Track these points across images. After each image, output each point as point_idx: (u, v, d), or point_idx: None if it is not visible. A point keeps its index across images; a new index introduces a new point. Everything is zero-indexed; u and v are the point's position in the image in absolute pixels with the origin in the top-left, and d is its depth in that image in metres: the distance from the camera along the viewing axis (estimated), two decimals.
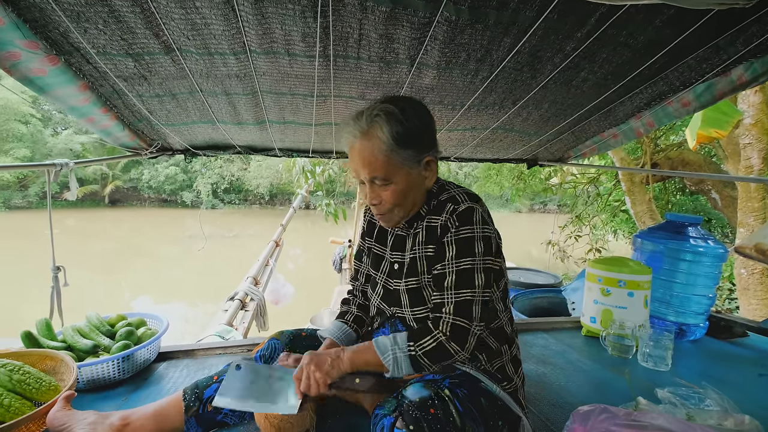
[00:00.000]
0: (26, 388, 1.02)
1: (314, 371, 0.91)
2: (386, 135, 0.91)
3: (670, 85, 1.46)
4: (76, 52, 1.10)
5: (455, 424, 0.80)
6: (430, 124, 1.01)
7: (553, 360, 1.60)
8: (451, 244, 0.95)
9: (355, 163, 0.97)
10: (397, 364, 0.90)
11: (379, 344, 0.92)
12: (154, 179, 23.64)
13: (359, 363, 0.93)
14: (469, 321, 0.90)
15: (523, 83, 1.39)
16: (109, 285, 8.95)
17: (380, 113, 0.92)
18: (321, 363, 0.92)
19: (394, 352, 0.90)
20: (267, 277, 3.40)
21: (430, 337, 0.90)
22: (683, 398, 1.12)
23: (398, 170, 0.95)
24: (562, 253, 7.01)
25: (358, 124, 0.94)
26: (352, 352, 0.94)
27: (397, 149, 0.92)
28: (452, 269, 0.94)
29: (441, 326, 0.91)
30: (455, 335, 0.89)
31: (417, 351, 0.90)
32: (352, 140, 0.96)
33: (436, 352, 0.89)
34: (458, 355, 0.90)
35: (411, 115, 0.95)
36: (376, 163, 0.93)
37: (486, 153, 2.26)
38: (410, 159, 0.95)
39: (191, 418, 1.01)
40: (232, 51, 1.13)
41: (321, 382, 0.90)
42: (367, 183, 0.98)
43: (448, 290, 0.93)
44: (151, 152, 1.85)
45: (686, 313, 1.84)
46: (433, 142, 1.00)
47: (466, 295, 0.92)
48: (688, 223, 1.89)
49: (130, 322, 1.44)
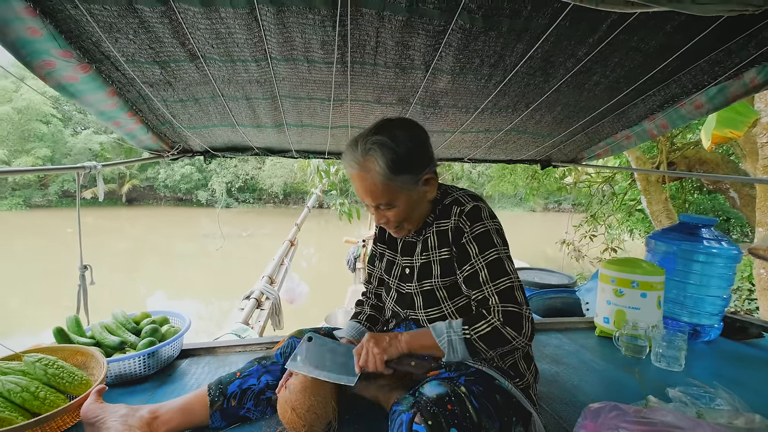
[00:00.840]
0: (60, 381, 1.08)
1: (373, 347, 0.96)
2: (381, 166, 0.95)
3: (682, 87, 1.46)
4: (106, 60, 1.15)
5: (472, 419, 0.82)
6: (424, 142, 1.03)
7: (566, 360, 1.61)
8: (470, 242, 0.99)
9: (359, 190, 1.02)
10: (453, 347, 0.93)
11: (435, 328, 0.96)
12: (169, 178, 24.10)
13: (415, 345, 0.97)
14: (518, 306, 0.93)
15: (536, 87, 1.41)
16: (126, 282, 9.19)
17: (373, 146, 0.96)
18: (379, 341, 0.97)
19: (449, 335, 0.93)
20: (282, 276, 3.46)
21: (484, 321, 0.93)
22: (694, 397, 1.12)
23: (399, 194, 0.99)
24: (577, 253, 6.94)
25: (354, 156, 0.98)
26: (409, 335, 0.99)
27: (394, 177, 0.96)
28: (482, 264, 0.97)
29: (494, 313, 0.93)
30: (509, 320, 0.92)
31: (472, 334, 0.92)
32: (350, 170, 1.00)
33: (491, 336, 0.92)
34: (516, 341, 0.92)
35: (402, 140, 0.97)
36: (377, 192, 0.98)
37: (499, 154, 2.27)
38: (409, 182, 0.99)
39: (216, 412, 1.05)
40: (253, 58, 1.18)
41: (378, 358, 0.95)
42: (373, 207, 1.03)
43: (486, 284, 0.96)
44: (172, 154, 1.92)
45: (700, 314, 1.84)
46: (429, 159, 1.03)
47: (505, 283, 0.95)
48: (702, 224, 1.88)
49: (154, 319, 1.50)
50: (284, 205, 26.44)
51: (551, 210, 27.06)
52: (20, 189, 21.33)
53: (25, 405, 1.01)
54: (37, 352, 1.16)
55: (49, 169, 1.49)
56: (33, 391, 1.02)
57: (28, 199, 21.34)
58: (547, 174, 7.11)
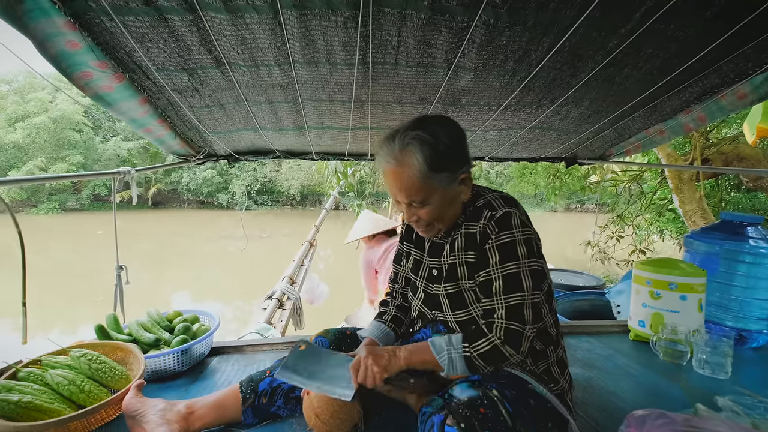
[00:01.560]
0: (102, 376, 1.13)
1: (372, 365, 0.95)
2: (420, 162, 0.93)
3: (723, 77, 1.39)
4: (138, 69, 1.19)
5: (506, 423, 0.80)
6: (462, 141, 1.01)
7: (599, 364, 1.55)
8: (493, 250, 0.96)
9: (392, 187, 0.99)
10: (452, 364, 0.92)
11: (434, 344, 0.95)
12: (192, 182, 24.76)
13: (415, 361, 0.96)
14: (522, 324, 0.92)
15: (562, 82, 1.37)
16: (154, 282, 9.48)
17: (412, 141, 0.93)
18: (378, 358, 0.96)
19: (450, 352, 0.93)
20: (302, 276, 3.49)
21: (484, 339, 0.92)
22: (746, 407, 1.05)
23: (434, 192, 0.97)
24: (602, 255, 6.72)
25: (391, 150, 0.96)
26: (408, 351, 0.97)
27: (432, 174, 0.94)
28: (498, 275, 0.95)
29: (495, 330, 0.92)
30: (509, 339, 0.91)
31: (472, 352, 0.92)
32: (386, 166, 0.98)
33: (490, 355, 0.91)
34: (513, 358, 0.92)
35: (442, 137, 0.95)
36: (413, 188, 0.96)
37: (522, 152, 2.23)
38: (445, 180, 0.96)
39: (248, 408, 1.08)
40: (276, 62, 1.19)
41: (378, 376, 0.94)
42: (405, 205, 1.01)
43: (497, 295, 0.94)
44: (198, 159, 1.97)
45: (747, 319, 1.73)
46: (466, 158, 1.01)
47: (515, 300, 0.93)
48: (747, 222, 1.78)
49: (185, 318, 1.55)
50: (301, 207, 26.73)
51: (573, 210, 26.36)
52: (56, 194, 22.37)
53: (72, 397, 1.07)
54: (80, 347, 1.21)
55: (88, 175, 1.55)
56: (79, 385, 1.08)
57: (63, 203, 22.36)
58: (569, 173, 6.93)
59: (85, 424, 1.01)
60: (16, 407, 0.96)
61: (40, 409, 0.98)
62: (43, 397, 1.01)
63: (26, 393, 1.00)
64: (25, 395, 0.99)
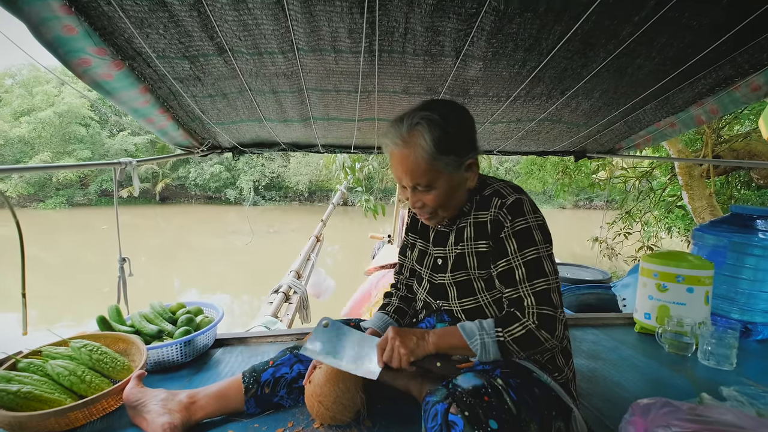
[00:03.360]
0: (104, 366, 1.13)
1: (399, 346, 0.93)
2: (428, 143, 0.91)
3: (737, 68, 1.35)
4: (138, 56, 1.18)
5: (511, 411, 0.79)
6: (471, 126, 1.00)
7: (604, 356, 1.55)
8: (509, 238, 0.95)
9: (397, 170, 0.98)
10: (486, 349, 0.91)
11: (465, 329, 0.94)
12: (200, 177, 24.85)
13: (444, 346, 0.95)
14: (553, 308, 0.91)
15: (573, 72, 1.34)
16: (161, 276, 9.57)
17: (421, 121, 0.92)
18: (407, 340, 0.94)
19: (482, 337, 0.91)
20: (309, 271, 3.50)
21: (519, 324, 0.91)
22: (751, 397, 1.05)
23: (440, 176, 0.95)
24: (610, 251, 6.67)
25: (398, 131, 0.94)
26: (437, 336, 0.96)
27: (439, 156, 0.93)
28: (519, 262, 0.94)
29: (528, 315, 0.91)
30: (544, 323, 0.90)
31: (506, 337, 0.90)
32: (393, 147, 0.96)
33: (525, 339, 0.90)
34: (548, 343, 0.90)
35: (452, 120, 0.94)
36: (418, 170, 0.94)
37: (531, 146, 2.19)
38: (452, 164, 0.95)
39: (251, 399, 1.07)
40: (280, 50, 1.17)
41: (404, 358, 0.93)
42: (410, 189, 0.99)
43: (522, 283, 0.93)
44: (202, 150, 1.96)
45: (753, 311, 1.73)
46: (474, 144, 1.00)
47: (542, 285, 0.92)
48: (757, 215, 1.76)
49: (189, 310, 1.54)
50: (309, 202, 26.79)
51: (582, 207, 26.19)
52: (63, 189, 22.55)
53: (73, 388, 1.06)
54: (81, 338, 1.21)
55: (88, 165, 1.55)
56: (80, 375, 1.07)
57: (71, 198, 22.52)
58: (578, 169, 6.87)
59: (86, 414, 1.01)
60: (16, 397, 0.95)
61: (40, 399, 0.97)
62: (43, 387, 1.01)
63: (26, 383, 1.00)
64: (24, 385, 0.98)
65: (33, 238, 13.23)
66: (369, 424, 1.05)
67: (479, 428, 0.75)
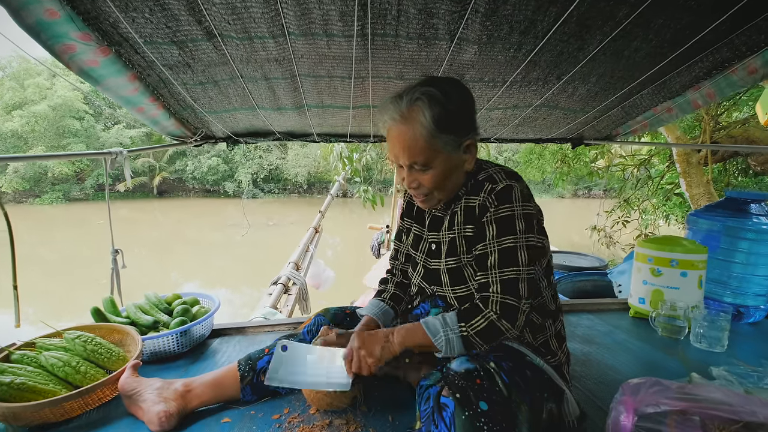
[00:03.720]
0: (98, 357, 1.13)
1: (366, 356, 0.93)
2: (427, 119, 0.89)
3: (734, 51, 1.34)
4: (125, 42, 1.15)
5: (501, 394, 0.80)
6: (471, 106, 0.98)
7: (598, 340, 1.57)
8: (490, 223, 0.94)
9: (394, 147, 0.95)
10: (450, 345, 0.91)
11: (429, 326, 0.93)
12: (197, 170, 24.70)
13: (409, 344, 0.95)
14: (517, 299, 0.90)
15: (569, 56, 1.32)
16: (159, 270, 9.58)
17: (422, 96, 0.90)
18: (372, 348, 0.94)
19: (446, 334, 0.91)
20: (308, 262, 3.50)
21: (480, 316, 0.91)
22: (740, 376, 1.06)
23: (438, 155, 0.93)
24: (607, 239, 6.69)
25: (397, 107, 0.92)
26: (402, 336, 0.95)
27: (438, 134, 0.91)
28: (494, 248, 0.93)
29: (490, 305, 0.91)
30: (505, 313, 0.89)
31: (469, 331, 0.90)
32: (391, 124, 0.94)
33: (487, 331, 0.90)
34: (509, 333, 0.90)
35: (453, 97, 0.92)
36: (416, 148, 0.92)
37: (528, 133, 2.18)
38: (451, 143, 0.93)
39: (247, 386, 1.07)
40: (270, 34, 1.15)
41: (372, 365, 0.93)
42: (406, 168, 0.97)
43: (492, 269, 0.92)
44: (195, 140, 1.93)
45: (745, 295, 1.75)
46: (473, 124, 0.98)
47: (510, 274, 0.91)
48: (751, 199, 1.77)
49: (185, 300, 1.54)
50: (308, 194, 26.71)
51: (581, 196, 26.23)
52: (59, 183, 22.42)
53: (68, 378, 1.06)
54: (76, 330, 1.21)
55: (78, 155, 1.53)
56: (74, 366, 1.07)
57: (67, 193, 22.38)
58: (577, 158, 6.85)
59: (82, 404, 1.01)
60: (9, 389, 0.95)
61: (34, 390, 0.97)
62: (37, 378, 1.01)
63: (19, 375, 0.99)
64: (18, 377, 0.98)
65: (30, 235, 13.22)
66: (365, 409, 1.06)
67: (470, 410, 0.76)
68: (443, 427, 0.78)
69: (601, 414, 1.06)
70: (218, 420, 1.02)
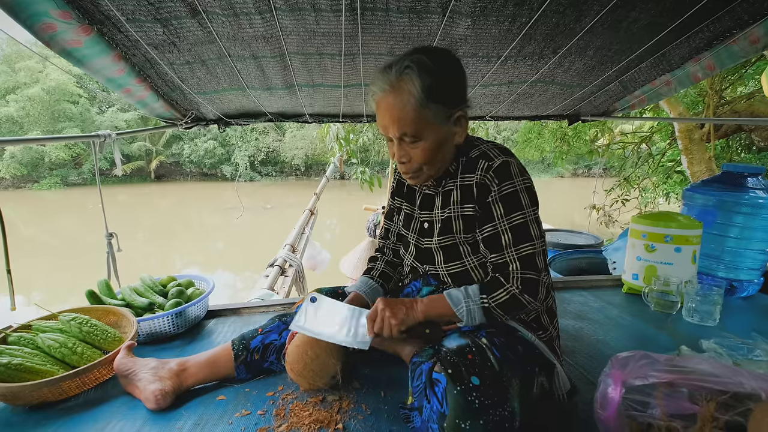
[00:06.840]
0: (94, 338, 1.14)
1: (390, 317, 0.94)
2: (417, 88, 0.87)
3: (736, 19, 1.30)
4: (107, 20, 1.11)
5: (493, 368, 0.81)
6: (462, 76, 0.96)
7: (591, 315, 1.59)
8: (497, 203, 0.94)
9: (384, 118, 0.94)
10: (471, 315, 0.93)
11: (452, 297, 0.95)
12: (194, 154, 24.48)
13: (432, 314, 0.96)
14: (536, 272, 0.92)
15: (565, 28, 1.28)
16: (156, 254, 9.61)
17: (411, 65, 0.88)
18: (397, 311, 0.95)
19: (468, 304, 0.93)
20: (304, 244, 3.51)
21: (503, 290, 0.92)
22: (730, 349, 1.08)
23: (428, 126, 0.92)
24: (607, 218, 6.69)
25: (387, 77, 0.90)
26: (425, 305, 0.97)
27: (428, 104, 0.89)
28: (506, 227, 0.94)
29: (512, 281, 0.92)
30: (527, 287, 0.91)
31: (490, 303, 0.92)
32: (380, 95, 0.92)
33: (509, 304, 0.92)
34: (531, 306, 0.92)
35: (443, 66, 0.90)
36: (406, 119, 0.90)
37: (524, 110, 2.14)
38: (441, 114, 0.92)
39: (241, 365, 1.09)
40: (257, 10, 1.11)
41: (395, 328, 0.94)
42: (396, 140, 0.96)
43: (508, 248, 0.94)
44: (185, 122, 1.90)
45: (739, 269, 1.75)
46: (464, 95, 0.96)
47: (527, 249, 0.93)
48: (748, 173, 1.75)
49: (180, 282, 1.54)
50: (306, 177, 26.58)
51: (581, 175, 26.11)
52: (57, 169, 22.28)
53: (65, 359, 1.08)
54: (71, 312, 1.21)
55: (67, 138, 1.51)
56: (71, 347, 1.08)
57: (65, 178, 22.28)
58: (577, 136, 6.78)
59: (79, 384, 1.02)
60: (6, 369, 0.96)
61: (32, 371, 0.98)
62: (34, 359, 1.02)
63: (16, 356, 1.00)
64: (15, 357, 0.99)
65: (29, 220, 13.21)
66: (358, 385, 1.08)
67: (461, 384, 0.77)
68: (435, 401, 0.79)
69: (592, 388, 1.06)
70: (214, 397, 1.04)
